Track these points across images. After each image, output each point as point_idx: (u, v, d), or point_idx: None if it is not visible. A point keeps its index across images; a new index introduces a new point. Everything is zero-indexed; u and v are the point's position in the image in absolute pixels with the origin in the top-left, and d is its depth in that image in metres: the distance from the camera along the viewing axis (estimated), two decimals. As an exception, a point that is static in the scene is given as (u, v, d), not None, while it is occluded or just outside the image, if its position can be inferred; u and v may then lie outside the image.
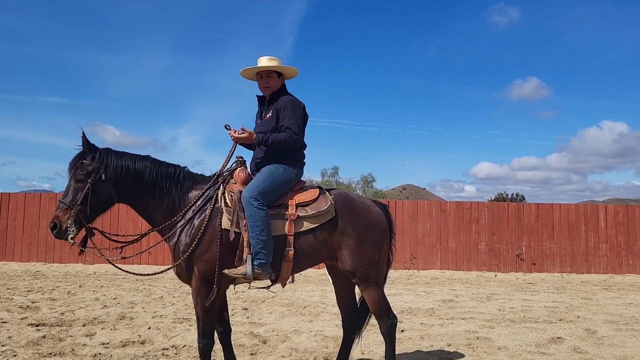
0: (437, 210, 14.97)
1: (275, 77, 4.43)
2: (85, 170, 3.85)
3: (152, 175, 4.02)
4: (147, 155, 4.17)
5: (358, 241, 4.20)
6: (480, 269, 14.56)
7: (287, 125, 4.20)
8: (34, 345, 5.59)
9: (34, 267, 13.91)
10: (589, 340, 6.24)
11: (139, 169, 4.00)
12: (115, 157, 3.98)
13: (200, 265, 3.92)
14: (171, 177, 4.10)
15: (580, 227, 14.81)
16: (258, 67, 4.40)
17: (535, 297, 10.06)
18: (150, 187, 4.02)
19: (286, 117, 4.22)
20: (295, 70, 4.52)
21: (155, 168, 4.06)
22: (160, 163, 4.15)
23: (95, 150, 3.95)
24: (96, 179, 3.85)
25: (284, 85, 4.53)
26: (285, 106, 4.27)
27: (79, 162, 3.88)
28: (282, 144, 4.17)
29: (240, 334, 6.20)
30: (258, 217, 3.91)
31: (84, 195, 3.80)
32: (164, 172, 4.08)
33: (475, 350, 5.69)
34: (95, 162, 3.88)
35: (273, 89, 4.44)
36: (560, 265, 14.63)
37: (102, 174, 3.86)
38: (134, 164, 4.00)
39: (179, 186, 4.11)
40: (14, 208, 14.73)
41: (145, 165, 4.04)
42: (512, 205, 15.40)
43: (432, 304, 8.92)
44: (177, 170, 4.18)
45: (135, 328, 6.53)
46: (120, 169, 3.94)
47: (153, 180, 4.02)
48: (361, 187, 59.01)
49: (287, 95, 4.41)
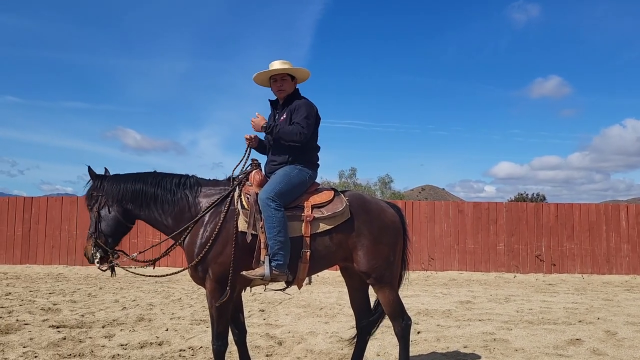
0: (454, 211, 14.87)
1: (289, 80, 4.47)
2: (93, 200, 4.20)
3: (155, 189, 4.18)
4: (151, 172, 4.33)
5: (373, 242, 4.21)
6: (499, 270, 14.43)
7: (296, 120, 4.26)
8: (54, 346, 5.70)
9: (56, 269, 14.15)
10: (609, 342, 6.15)
11: (137, 187, 4.18)
12: (113, 182, 4.20)
13: (215, 267, 3.96)
14: (177, 186, 4.21)
15: (601, 227, 14.58)
16: (271, 70, 4.44)
17: (555, 298, 9.94)
18: (152, 201, 4.18)
19: (298, 115, 4.28)
20: (307, 72, 4.56)
21: (157, 182, 4.21)
22: (164, 176, 4.28)
23: (99, 179, 4.24)
24: (100, 206, 4.16)
25: (297, 89, 4.58)
26: (299, 107, 4.33)
27: (89, 194, 4.25)
28: (288, 135, 4.22)
29: (257, 336, 6.24)
30: (275, 218, 3.94)
31: (94, 222, 4.14)
32: (168, 183, 4.22)
33: (491, 352, 5.65)
34: (99, 190, 4.20)
35: (287, 92, 4.48)
36: (581, 266, 14.42)
37: (103, 200, 4.16)
38: (133, 184, 4.18)
39: (187, 193, 4.20)
40: (36, 212, 15.00)
41: (145, 181, 4.21)
42: (530, 205, 15.22)
43: (449, 305, 8.87)
44: (184, 179, 4.27)
45: (154, 329, 6.61)
46: (117, 192, 4.16)
47: (154, 192, 4.18)
48: (379, 188, 58.79)
49: (301, 99, 4.46)
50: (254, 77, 4.55)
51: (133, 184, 4.18)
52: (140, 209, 4.19)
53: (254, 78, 4.56)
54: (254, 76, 4.54)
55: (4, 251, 14.84)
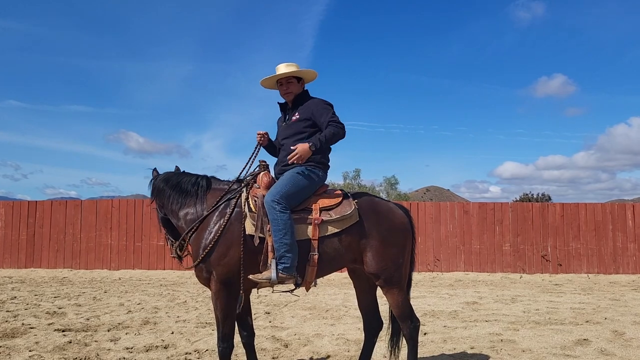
0: (460, 212, 14.82)
1: (295, 82, 4.46)
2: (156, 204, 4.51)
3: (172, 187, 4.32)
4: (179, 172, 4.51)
5: (382, 243, 4.18)
6: (504, 271, 14.36)
7: (329, 119, 4.24)
8: (60, 350, 5.69)
9: (61, 273, 14.17)
10: (616, 342, 6.10)
11: (161, 186, 4.36)
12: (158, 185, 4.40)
13: (219, 269, 3.95)
14: (192, 185, 4.29)
15: (607, 226, 14.50)
16: (276, 75, 4.43)
17: (562, 298, 9.88)
18: (168, 199, 4.30)
19: (324, 114, 4.27)
20: (313, 73, 4.54)
21: (175, 181, 4.33)
22: (184, 175, 4.40)
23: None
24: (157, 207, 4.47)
25: (306, 90, 4.56)
26: (316, 107, 4.32)
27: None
28: (336, 135, 4.23)
29: (262, 338, 6.22)
30: (280, 220, 3.92)
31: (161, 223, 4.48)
32: (184, 182, 4.31)
33: (498, 353, 5.61)
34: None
35: (294, 93, 4.47)
36: (587, 266, 14.34)
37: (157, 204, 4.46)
38: (164, 184, 4.36)
39: (198, 193, 4.26)
40: (40, 216, 15.03)
41: (167, 179, 4.36)
42: (536, 205, 15.14)
43: (455, 306, 8.83)
44: (198, 178, 4.35)
45: (159, 333, 6.60)
46: (157, 191, 4.39)
47: (173, 192, 4.30)
48: (384, 189, 58.77)
49: (313, 98, 4.45)
50: (261, 82, 4.55)
51: (160, 182, 4.37)
52: (164, 206, 4.36)
53: (261, 83, 4.55)
54: (260, 81, 4.54)
55: (9, 255, 14.87)
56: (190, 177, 4.35)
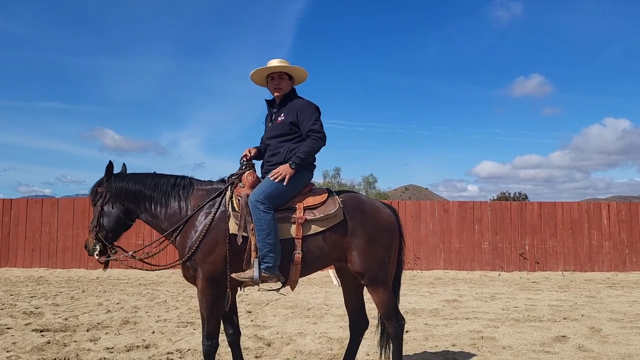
0: (440, 211, 14.95)
1: (287, 79, 4.43)
2: (98, 196, 4.33)
3: (151, 190, 4.26)
4: (152, 173, 4.41)
5: (368, 242, 4.18)
6: (483, 269, 14.54)
7: (310, 128, 4.21)
8: (38, 350, 5.59)
9: (37, 272, 13.91)
10: (594, 338, 6.23)
11: (138, 187, 4.28)
12: (117, 181, 4.30)
13: (205, 267, 3.93)
14: (172, 187, 4.26)
15: (583, 225, 14.78)
16: (270, 67, 4.39)
17: (539, 296, 10.04)
18: (151, 201, 4.25)
19: (306, 120, 4.23)
20: (305, 72, 4.51)
21: (154, 183, 4.28)
22: (161, 177, 4.34)
23: (107, 176, 4.35)
24: (104, 202, 4.29)
25: (294, 89, 4.53)
26: (301, 109, 4.27)
27: (94, 189, 4.38)
28: (316, 149, 4.22)
29: (245, 337, 6.19)
30: (264, 220, 3.91)
31: (97, 218, 4.27)
32: (164, 184, 4.28)
33: (480, 350, 5.68)
34: (104, 187, 4.32)
35: (284, 91, 4.44)
36: (564, 264, 14.60)
37: (107, 197, 4.29)
38: (134, 184, 4.28)
39: (181, 194, 4.23)
40: (16, 214, 14.74)
41: (145, 182, 4.29)
42: (514, 204, 15.37)
43: (436, 304, 8.90)
44: (179, 179, 4.31)
45: (140, 332, 6.53)
46: (121, 190, 4.26)
47: (153, 194, 4.26)
48: (363, 187, 59.01)
49: (299, 98, 4.41)
50: (251, 74, 4.48)
51: (133, 184, 4.28)
52: (139, 209, 4.28)
53: (251, 75, 4.49)
54: (251, 73, 4.47)
55: (-17, 254, 14.54)
56: (168, 178, 4.31)
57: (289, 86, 4.46)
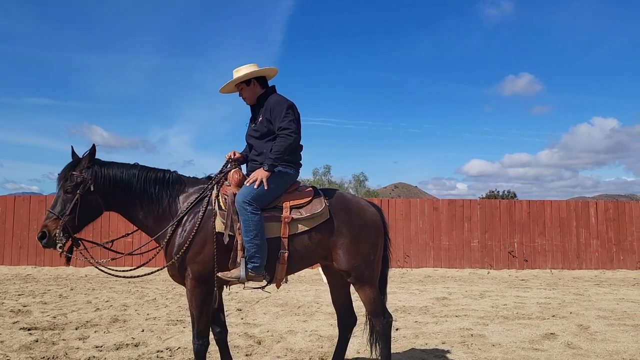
0: (429, 208, 15.01)
1: (245, 87, 4.40)
2: (74, 182, 3.89)
3: (140, 182, 4.04)
4: (135, 163, 4.17)
5: (353, 241, 4.20)
6: (472, 267, 14.62)
7: (279, 125, 4.18)
8: (26, 349, 5.53)
9: (25, 270, 13.78)
10: (582, 335, 6.28)
11: (127, 178, 4.03)
12: (103, 168, 4.00)
13: (194, 266, 3.91)
14: (160, 183, 4.10)
15: (571, 223, 14.91)
16: (225, 85, 4.43)
17: (528, 293, 10.11)
18: (139, 194, 4.04)
19: (277, 118, 4.19)
20: (268, 70, 4.47)
21: (143, 175, 4.07)
22: (148, 169, 4.15)
23: (84, 161, 3.97)
24: (85, 190, 3.89)
25: (272, 87, 4.49)
26: (273, 107, 4.24)
27: (68, 173, 3.92)
28: (286, 147, 4.14)
29: (235, 335, 6.18)
30: (252, 221, 3.90)
31: (72, 205, 3.85)
32: (152, 178, 4.09)
33: (469, 348, 5.70)
34: (84, 173, 3.92)
35: (250, 97, 4.44)
36: (552, 262, 14.72)
37: (90, 185, 3.90)
38: (122, 174, 4.02)
39: (169, 191, 4.11)
40: (3, 211, 14.58)
41: (133, 173, 4.06)
42: (503, 202, 15.47)
43: (425, 302, 8.94)
44: (167, 175, 4.17)
45: (129, 331, 6.49)
46: (108, 179, 3.97)
47: (141, 187, 4.04)
48: (353, 186, 59.11)
49: (274, 96, 4.36)
50: (220, 91, 4.52)
51: (122, 175, 4.01)
52: (122, 203, 4.04)
53: (221, 91, 4.52)
54: (219, 90, 4.51)
55: (-30, 252, 14.37)
56: (155, 172, 4.14)
57: (255, 89, 4.42)
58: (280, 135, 4.16)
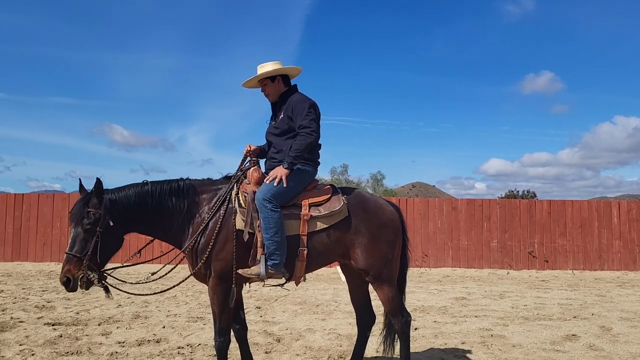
0: (448, 208, 14.93)
1: (270, 83, 4.42)
2: (92, 219, 3.77)
3: (154, 199, 4.00)
4: (145, 181, 4.13)
5: (371, 240, 4.21)
6: (492, 267, 14.50)
7: (299, 123, 4.21)
8: (51, 344, 5.65)
9: (48, 267, 14.04)
10: (604, 337, 6.21)
11: (141, 198, 3.97)
12: (117, 197, 3.92)
13: (216, 264, 3.95)
14: (175, 193, 4.08)
15: (593, 223, 14.70)
16: (249, 80, 4.44)
17: (549, 294, 10.01)
18: (157, 211, 4.01)
19: (298, 116, 4.22)
20: (292, 68, 4.50)
21: (157, 190, 4.03)
22: (161, 183, 4.12)
23: (94, 197, 3.84)
24: (103, 225, 3.79)
25: (294, 86, 4.53)
26: (295, 105, 4.27)
27: (84, 211, 3.79)
28: (306, 146, 4.16)
29: (254, 333, 6.23)
30: (272, 219, 3.93)
31: (93, 244, 3.76)
32: (167, 190, 4.06)
33: (489, 348, 5.67)
34: (99, 209, 3.81)
35: (273, 94, 4.47)
36: (573, 262, 14.53)
37: (109, 220, 3.81)
38: (134, 196, 3.96)
39: (185, 198, 4.10)
40: (27, 209, 14.87)
41: (146, 191, 4.01)
42: (523, 202, 15.31)
43: (444, 301, 8.90)
44: (180, 183, 4.15)
45: (150, 327, 6.58)
46: (123, 206, 3.90)
47: (157, 203, 4.01)
48: (371, 185, 59.05)
49: (297, 94, 4.40)
50: (243, 85, 4.54)
51: (134, 195, 3.96)
52: (142, 221, 4.02)
53: (244, 85, 4.55)
54: (242, 84, 4.54)
55: (-5, 248, 14.69)
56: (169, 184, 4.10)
57: (278, 87, 4.44)
58: (301, 134, 4.18)
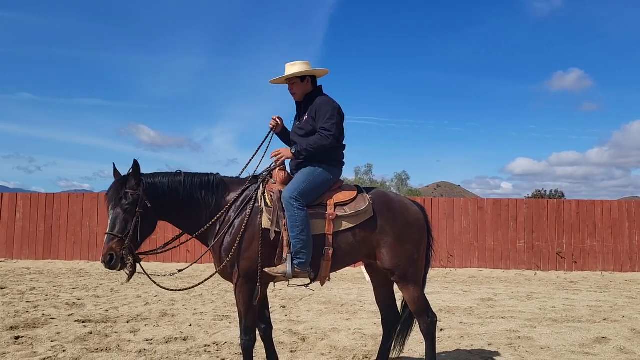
0: (474, 208, 14.76)
1: (299, 82, 4.45)
2: (130, 200, 3.86)
3: (186, 190, 4.08)
4: (178, 171, 4.21)
5: (397, 240, 4.21)
6: (519, 268, 14.30)
7: (321, 125, 4.25)
8: (81, 341, 5.78)
9: (78, 265, 14.34)
10: (636, 340, 6.07)
11: (174, 186, 4.05)
12: (151, 180, 4.02)
13: (242, 263, 3.99)
14: (205, 187, 4.15)
15: (623, 224, 14.37)
16: (278, 78, 4.47)
17: (577, 296, 9.83)
18: (187, 201, 4.08)
19: (321, 118, 4.26)
20: (321, 70, 4.54)
21: (189, 182, 4.11)
22: (193, 175, 4.19)
23: (133, 178, 3.94)
24: (142, 206, 3.89)
25: (320, 87, 4.56)
26: (319, 107, 4.31)
27: (122, 192, 3.88)
28: (320, 146, 4.20)
29: (280, 332, 6.27)
30: (298, 217, 3.96)
31: (134, 224, 3.85)
32: (197, 183, 4.13)
33: (517, 350, 5.60)
34: (138, 190, 3.90)
35: (300, 94, 4.49)
36: (603, 264, 14.23)
37: (146, 201, 3.90)
38: (169, 183, 4.05)
39: (215, 194, 4.16)
40: (58, 208, 15.21)
41: (179, 181, 4.09)
42: (551, 202, 15.04)
43: (470, 302, 8.82)
44: (211, 178, 4.22)
45: (177, 325, 6.67)
46: (159, 191, 3.99)
47: (189, 194, 4.08)
48: (395, 184, 58.78)
49: (321, 97, 4.43)
50: (270, 82, 4.58)
51: (172, 184, 4.05)
52: (173, 210, 4.08)
53: (271, 83, 4.59)
54: (270, 82, 4.58)
55: (27, 247, 15.06)
56: (200, 177, 4.18)
57: (306, 87, 4.47)
58: (319, 134, 4.23)
